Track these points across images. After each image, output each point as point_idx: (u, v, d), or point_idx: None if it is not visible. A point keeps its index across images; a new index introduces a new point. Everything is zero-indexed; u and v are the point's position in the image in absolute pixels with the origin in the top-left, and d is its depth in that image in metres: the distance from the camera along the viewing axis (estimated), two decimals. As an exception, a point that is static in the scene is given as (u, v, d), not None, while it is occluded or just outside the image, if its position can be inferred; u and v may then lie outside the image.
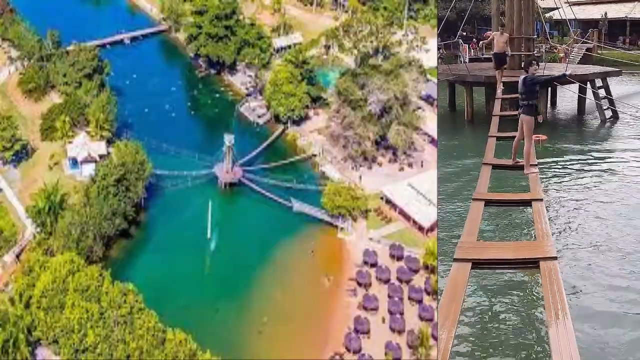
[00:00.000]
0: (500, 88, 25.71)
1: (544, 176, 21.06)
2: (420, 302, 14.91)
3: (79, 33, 21.61)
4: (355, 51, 22.24)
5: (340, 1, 26.02)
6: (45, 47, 20.79)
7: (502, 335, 11.42)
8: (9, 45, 22.19)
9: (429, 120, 20.17)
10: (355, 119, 18.92)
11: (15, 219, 16.49)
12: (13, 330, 12.46)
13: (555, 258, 9.39)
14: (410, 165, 19.13)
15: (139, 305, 13.27)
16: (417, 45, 23.47)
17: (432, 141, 19.93)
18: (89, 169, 17.23)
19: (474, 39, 61.36)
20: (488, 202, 13.00)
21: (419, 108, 20.36)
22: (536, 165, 15.78)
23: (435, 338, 13.19)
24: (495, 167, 16.05)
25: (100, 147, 17.94)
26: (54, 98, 20.03)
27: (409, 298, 15.02)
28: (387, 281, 15.40)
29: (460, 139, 30.31)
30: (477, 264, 9.51)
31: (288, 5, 26.00)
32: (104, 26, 23.75)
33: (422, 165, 19.10)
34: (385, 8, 24.64)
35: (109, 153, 17.79)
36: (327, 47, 23.38)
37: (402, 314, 14.58)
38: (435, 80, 22.69)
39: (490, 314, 12.30)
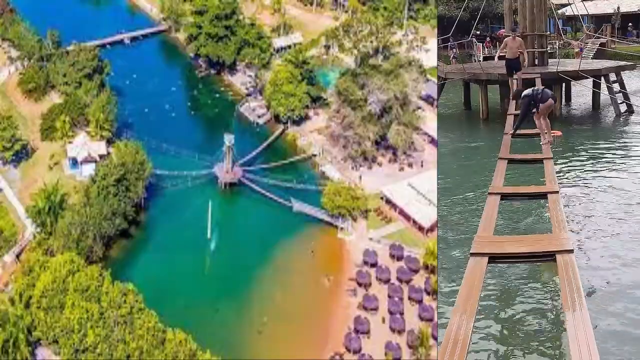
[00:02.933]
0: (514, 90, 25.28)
1: (560, 171, 21.01)
2: (420, 302, 14.91)
3: (79, 33, 21.61)
4: (355, 51, 22.25)
5: (340, 1, 26.03)
6: (45, 47, 20.80)
7: (519, 329, 11.40)
8: (9, 45, 22.20)
9: (429, 120, 20.18)
10: (355, 119, 18.92)
11: (15, 219, 16.49)
12: (13, 330, 12.46)
13: (571, 251, 9.34)
14: (410, 165, 19.14)
15: (139, 305, 13.27)
16: (417, 45, 23.49)
17: (432, 141, 19.94)
18: (89, 169, 17.23)
19: (488, 38, 61.45)
20: (504, 196, 12.98)
21: (419, 108, 20.37)
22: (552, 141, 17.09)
23: (435, 338, 13.20)
24: (510, 161, 16.08)
25: (100, 147, 17.94)
26: (54, 98, 20.03)
27: (409, 298, 15.02)
28: (387, 281, 15.40)
29: (477, 137, 30.29)
30: (493, 258, 9.51)
31: (288, 5, 26.00)
32: (104, 26, 23.76)
33: (422, 165, 19.10)
34: (385, 8, 24.64)
35: (109, 153, 17.79)
36: (327, 47, 23.38)
37: (402, 314, 14.58)
38: (436, 80, 22.70)
39: (507, 307, 12.29)
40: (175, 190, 17.64)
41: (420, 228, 16.77)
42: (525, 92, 17.91)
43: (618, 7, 68.48)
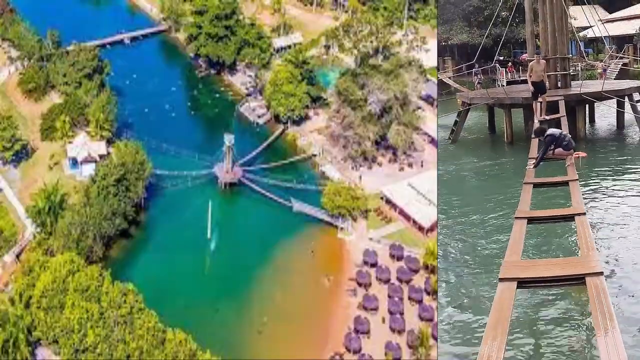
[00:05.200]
0: (538, 117, 24.81)
1: (587, 192, 20.58)
2: (420, 302, 14.91)
3: (79, 33, 21.62)
4: (355, 51, 22.25)
5: (340, 1, 26.02)
6: (45, 47, 20.80)
7: (551, 354, 11.18)
8: (9, 45, 22.20)
9: (429, 120, 20.19)
10: (355, 119, 18.92)
11: (15, 219, 16.49)
12: (13, 330, 12.46)
13: (601, 273, 9.01)
14: (410, 165, 19.14)
15: (139, 305, 13.28)
16: (417, 45, 23.50)
17: (432, 141, 19.95)
18: (89, 169, 17.24)
19: (510, 63, 61.83)
20: (531, 220, 12.73)
21: (419, 108, 20.38)
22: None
23: (435, 338, 13.19)
24: (536, 185, 15.91)
25: (100, 147, 17.95)
26: (54, 98, 20.03)
27: (409, 298, 15.03)
28: (387, 281, 15.41)
29: (502, 161, 30.09)
30: (522, 283, 9.25)
31: (288, 5, 26.00)
32: (104, 26, 23.76)
33: (422, 165, 19.10)
34: (385, 8, 24.64)
35: (109, 153, 17.79)
36: (327, 47, 23.38)
37: (402, 314, 14.59)
38: (435, 80, 22.68)
39: (537, 332, 12.03)
40: (175, 190, 17.64)
41: (420, 228, 16.77)
42: (552, 131, 17.35)
43: (639, 27, 68.16)
